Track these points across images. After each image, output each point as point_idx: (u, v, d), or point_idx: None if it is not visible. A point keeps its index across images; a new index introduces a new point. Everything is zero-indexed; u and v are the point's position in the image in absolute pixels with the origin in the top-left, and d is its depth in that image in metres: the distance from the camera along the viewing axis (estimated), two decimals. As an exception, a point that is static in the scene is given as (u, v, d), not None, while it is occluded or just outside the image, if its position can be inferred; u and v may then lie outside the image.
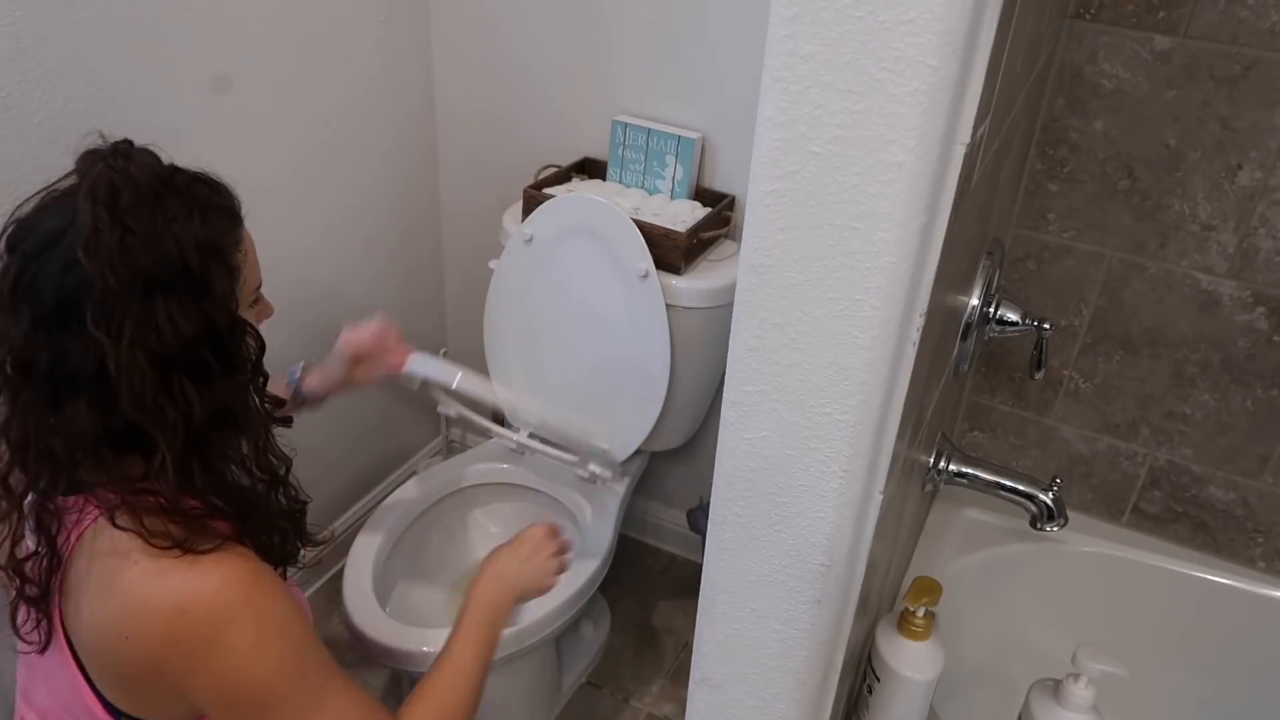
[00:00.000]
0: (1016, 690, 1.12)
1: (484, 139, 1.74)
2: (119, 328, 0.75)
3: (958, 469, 1.27)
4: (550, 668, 1.60)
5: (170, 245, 0.78)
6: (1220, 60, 1.22)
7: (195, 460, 0.81)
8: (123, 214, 0.77)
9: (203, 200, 0.83)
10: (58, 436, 0.79)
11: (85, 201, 0.77)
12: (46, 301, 0.76)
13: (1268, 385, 1.37)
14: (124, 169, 0.79)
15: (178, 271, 0.78)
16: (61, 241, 0.76)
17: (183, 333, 0.78)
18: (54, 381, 0.77)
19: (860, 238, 0.57)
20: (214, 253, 0.81)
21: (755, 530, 0.71)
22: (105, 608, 0.79)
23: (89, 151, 0.82)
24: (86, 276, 0.75)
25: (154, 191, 0.79)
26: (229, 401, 0.83)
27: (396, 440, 1.99)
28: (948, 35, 0.50)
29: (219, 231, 0.83)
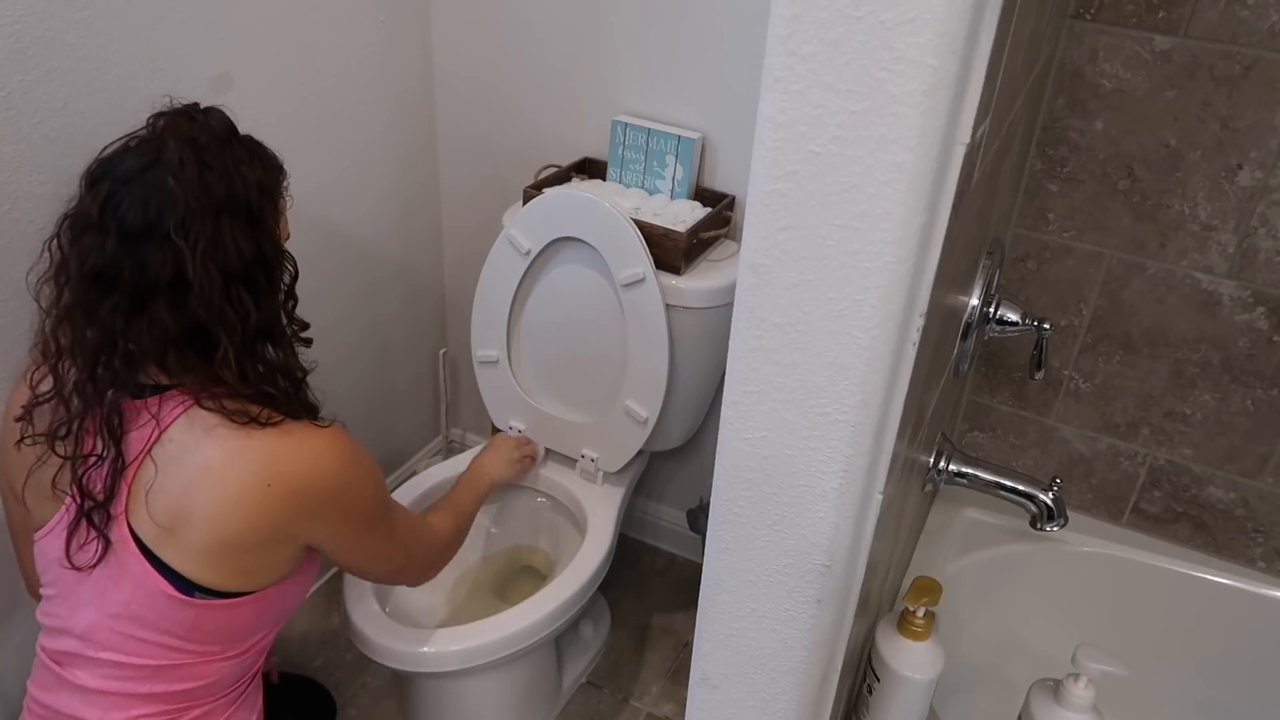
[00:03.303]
0: (1016, 690, 1.12)
1: (484, 139, 1.74)
2: (195, 240, 0.91)
3: (958, 469, 1.27)
4: (550, 668, 1.60)
5: (238, 181, 0.95)
6: (1220, 60, 1.22)
7: (249, 359, 0.97)
8: (202, 151, 0.94)
9: (260, 153, 1.02)
10: (145, 333, 0.93)
11: (172, 140, 0.94)
12: (134, 219, 0.91)
13: (1268, 385, 1.37)
14: (204, 119, 0.98)
15: (241, 203, 0.95)
16: (148, 172, 0.92)
17: (243, 252, 0.95)
18: (136, 288, 0.91)
19: (860, 238, 0.57)
20: (268, 193, 1.00)
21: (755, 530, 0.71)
22: (237, 468, 0.94)
23: (167, 110, 0.99)
24: (170, 199, 0.91)
25: (226, 138, 0.97)
26: (273, 314, 1.01)
27: (396, 440, 1.99)
28: (948, 35, 0.50)
29: (272, 178, 1.02)
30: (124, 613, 0.97)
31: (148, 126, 0.97)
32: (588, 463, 1.60)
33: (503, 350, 1.58)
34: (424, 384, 2.02)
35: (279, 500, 0.96)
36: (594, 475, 1.60)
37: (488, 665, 1.34)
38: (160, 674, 1.00)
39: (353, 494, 1.03)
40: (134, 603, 0.97)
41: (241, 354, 0.96)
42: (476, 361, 1.62)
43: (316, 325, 1.65)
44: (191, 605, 0.97)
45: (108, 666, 0.99)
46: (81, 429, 0.96)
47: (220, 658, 1.03)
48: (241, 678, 1.09)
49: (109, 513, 0.96)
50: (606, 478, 1.61)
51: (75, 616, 1.00)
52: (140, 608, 0.97)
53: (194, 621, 0.98)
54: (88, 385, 0.94)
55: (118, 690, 0.99)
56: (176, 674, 1.00)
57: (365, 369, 1.82)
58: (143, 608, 0.97)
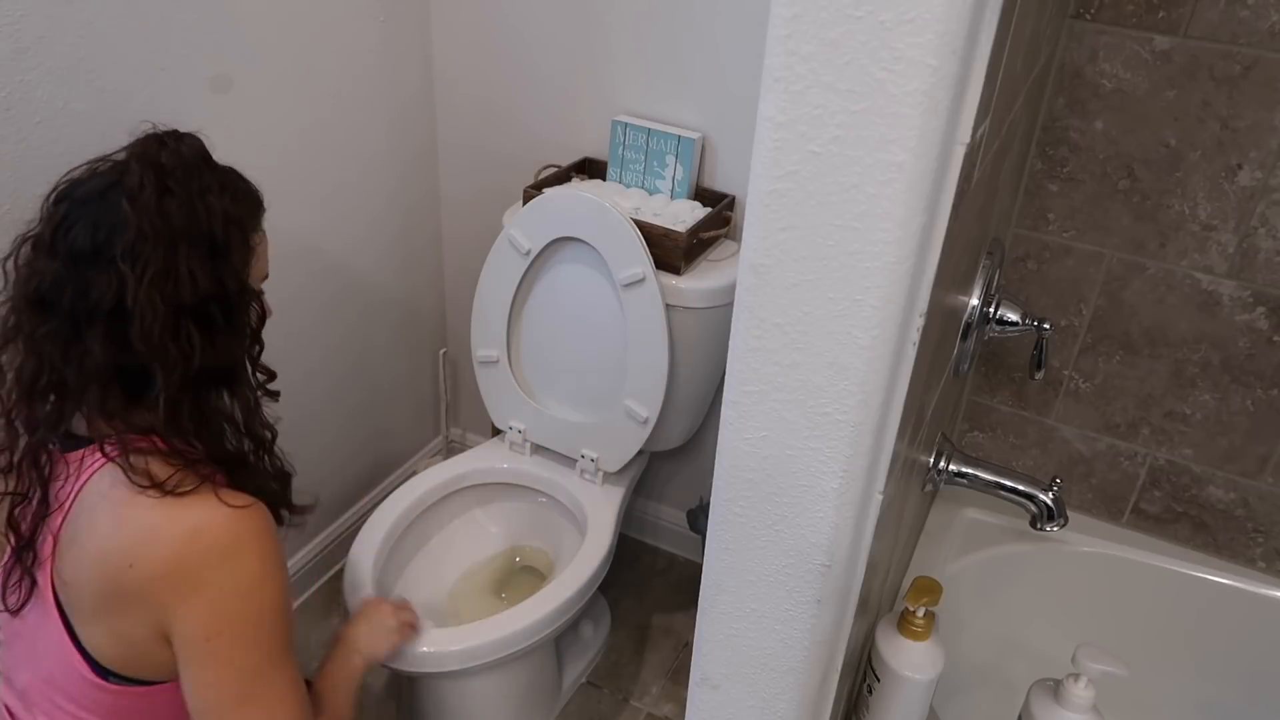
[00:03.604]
0: (1016, 690, 1.12)
1: (484, 139, 1.74)
2: (143, 268, 0.85)
3: (958, 469, 1.27)
4: (550, 668, 1.60)
5: (201, 210, 0.89)
6: (1220, 60, 1.22)
7: (187, 401, 0.89)
8: (166, 176, 0.88)
9: (234, 184, 0.95)
10: (73, 366, 0.87)
11: (135, 163, 0.89)
12: (82, 242, 0.86)
13: (1268, 385, 1.37)
14: (174, 145, 0.91)
15: (203, 233, 0.89)
16: (108, 194, 0.88)
17: (198, 285, 0.87)
18: (75, 314, 0.86)
19: (860, 238, 0.57)
20: (236, 227, 0.93)
21: (755, 530, 0.71)
22: (115, 539, 0.86)
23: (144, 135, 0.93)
24: (124, 221, 0.86)
25: (195, 166, 0.91)
26: (228, 358, 0.93)
27: (396, 440, 1.99)
28: (948, 35, 0.50)
29: (244, 211, 0.95)
30: (53, 681, 0.93)
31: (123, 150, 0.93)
32: (588, 463, 1.60)
33: (503, 350, 1.58)
34: (424, 384, 2.02)
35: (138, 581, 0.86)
36: (594, 475, 1.60)
37: (488, 665, 1.34)
38: None
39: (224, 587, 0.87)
40: (57, 674, 0.92)
41: (178, 395, 0.88)
42: (476, 361, 1.62)
43: (316, 325, 1.66)
44: (106, 689, 0.92)
45: None
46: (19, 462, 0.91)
47: None
48: None
49: (36, 555, 0.91)
50: (606, 478, 1.61)
51: (17, 671, 0.96)
52: (64, 681, 0.92)
53: (112, 705, 0.93)
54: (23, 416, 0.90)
55: None
56: None
57: (365, 369, 1.82)
58: (66, 682, 0.92)
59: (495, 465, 1.64)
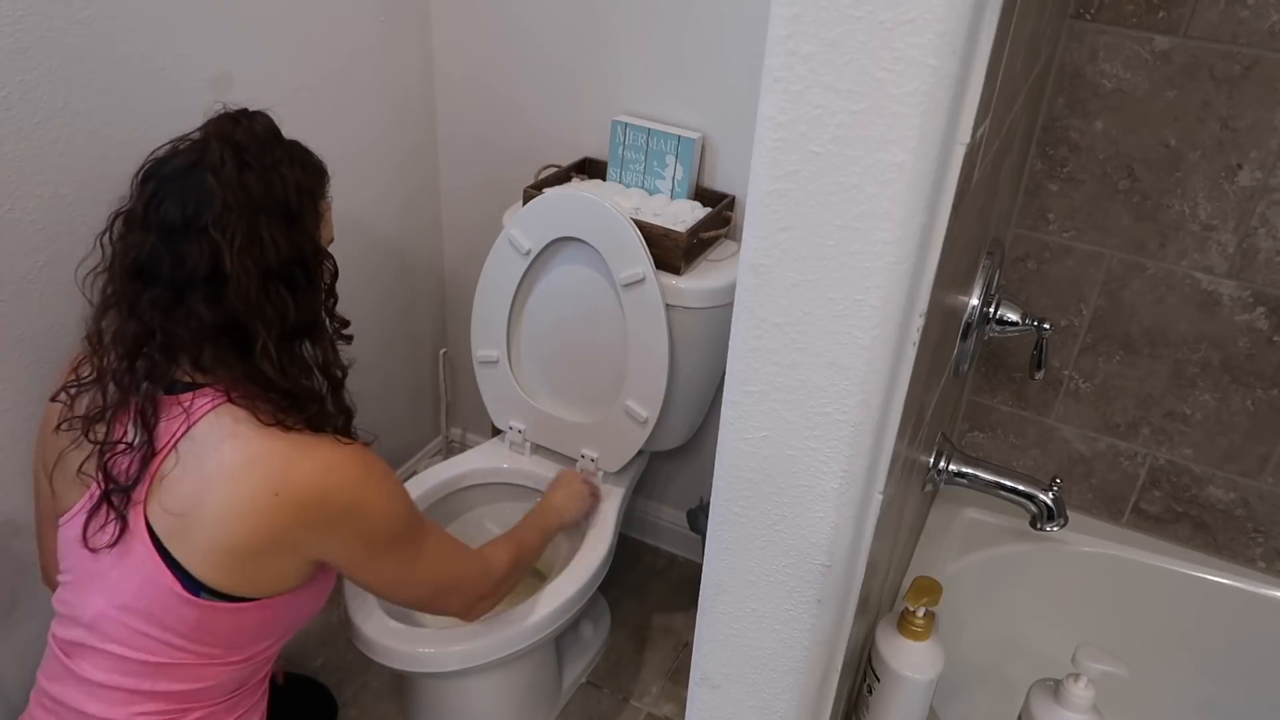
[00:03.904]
0: (1016, 690, 1.12)
1: (484, 139, 1.74)
2: (232, 235, 0.94)
3: (958, 469, 1.27)
4: (550, 668, 1.60)
5: (276, 181, 0.98)
6: (1220, 60, 1.22)
7: (286, 355, 0.99)
8: (243, 152, 0.97)
9: (303, 156, 1.04)
10: (182, 326, 0.95)
11: (215, 141, 0.97)
12: (174, 215, 0.94)
13: (1268, 385, 1.37)
14: (247, 123, 1.00)
15: (279, 203, 0.98)
16: (192, 172, 0.96)
17: (280, 249, 0.97)
18: (174, 282, 0.94)
19: (860, 238, 0.57)
20: (308, 194, 1.02)
21: (755, 530, 0.71)
22: (255, 471, 0.96)
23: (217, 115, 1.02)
24: (209, 196, 0.94)
25: (268, 141, 1.00)
26: (312, 311, 1.03)
27: (396, 440, 1.99)
28: (948, 35, 0.50)
29: (313, 180, 1.04)
30: (131, 605, 0.98)
31: (199, 130, 1.01)
32: (588, 463, 1.60)
33: (503, 350, 1.58)
34: (424, 384, 2.02)
35: (285, 511, 0.96)
36: (594, 475, 1.60)
37: (488, 665, 1.34)
38: (162, 672, 1.00)
39: (364, 514, 1.02)
40: (142, 596, 0.97)
41: (280, 349, 0.98)
42: (476, 361, 1.62)
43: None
44: (196, 605, 0.97)
45: (112, 659, 0.99)
46: (114, 417, 0.98)
47: (222, 662, 1.03)
48: (245, 684, 1.08)
49: (129, 497, 0.97)
50: (606, 478, 1.61)
51: (85, 604, 1.00)
52: (147, 602, 0.97)
53: (198, 621, 0.98)
54: (125, 375, 0.97)
55: (120, 685, 1.00)
56: (178, 673, 1.01)
57: (365, 368, 1.80)
58: (149, 602, 0.97)
59: (495, 465, 1.64)
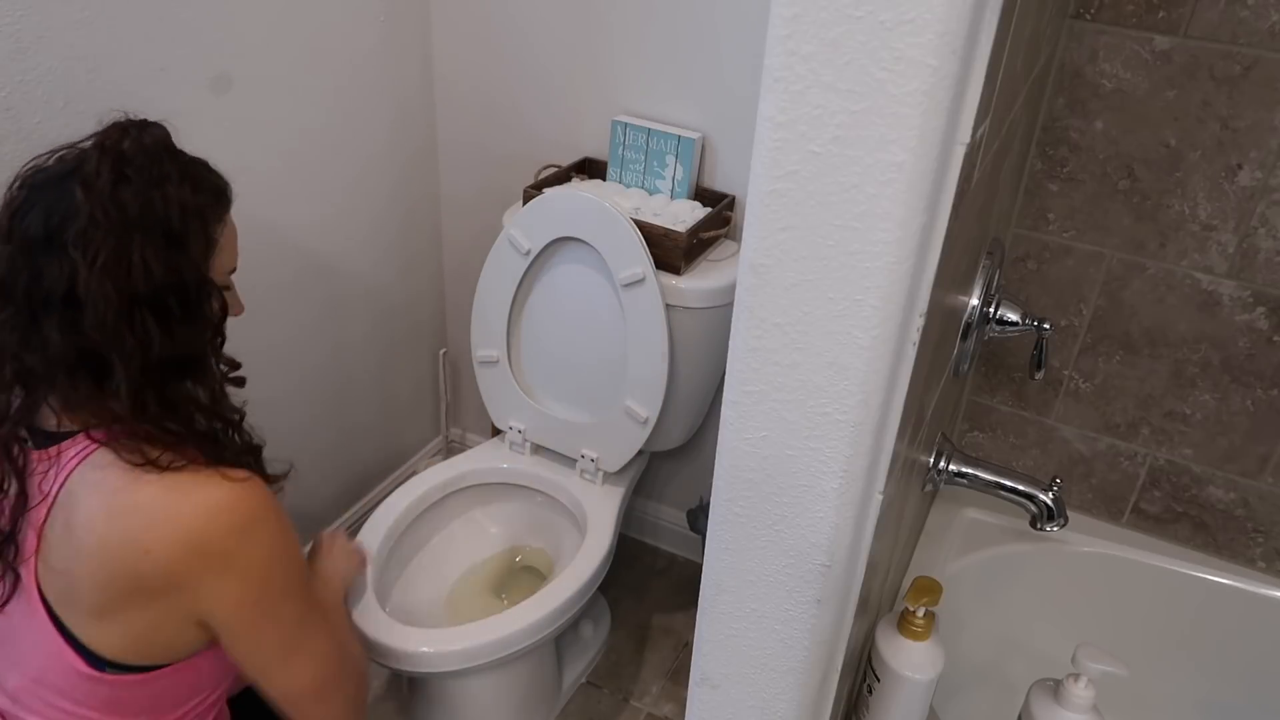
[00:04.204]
0: (1016, 690, 1.12)
1: (484, 140, 1.74)
2: (94, 254, 0.84)
3: (958, 469, 1.27)
4: (550, 668, 1.60)
5: (158, 199, 0.88)
6: (1220, 60, 1.22)
7: (151, 390, 0.88)
8: (124, 164, 0.87)
9: (196, 175, 0.94)
10: (36, 354, 0.86)
11: (94, 149, 0.88)
12: (36, 227, 0.85)
13: (1268, 385, 1.37)
14: (137, 134, 0.91)
15: (158, 223, 0.88)
16: (65, 181, 0.87)
17: (152, 274, 0.86)
18: (30, 301, 0.85)
19: (860, 238, 0.57)
20: (196, 216, 0.91)
21: (755, 530, 0.71)
22: (122, 526, 0.86)
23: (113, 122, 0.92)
24: (76, 208, 0.85)
25: (156, 155, 0.90)
26: (187, 348, 0.91)
27: (396, 440, 1.99)
28: (948, 35, 0.50)
29: (205, 203, 0.93)
30: (43, 680, 0.92)
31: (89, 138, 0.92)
32: (588, 463, 1.60)
33: (503, 350, 1.58)
34: (424, 384, 2.02)
35: (159, 568, 0.86)
36: (594, 475, 1.60)
37: (488, 665, 1.34)
38: None
39: (251, 559, 0.91)
40: (50, 671, 0.91)
41: (140, 384, 0.87)
42: (476, 361, 1.62)
43: (316, 324, 1.66)
44: (103, 681, 0.91)
45: None
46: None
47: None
48: None
49: (17, 548, 0.89)
50: (606, 478, 1.61)
51: (5, 674, 0.95)
52: (55, 678, 0.91)
53: (110, 696, 0.92)
54: None
55: None
56: None
57: (365, 369, 1.82)
58: (57, 678, 0.91)
59: (495, 465, 1.64)
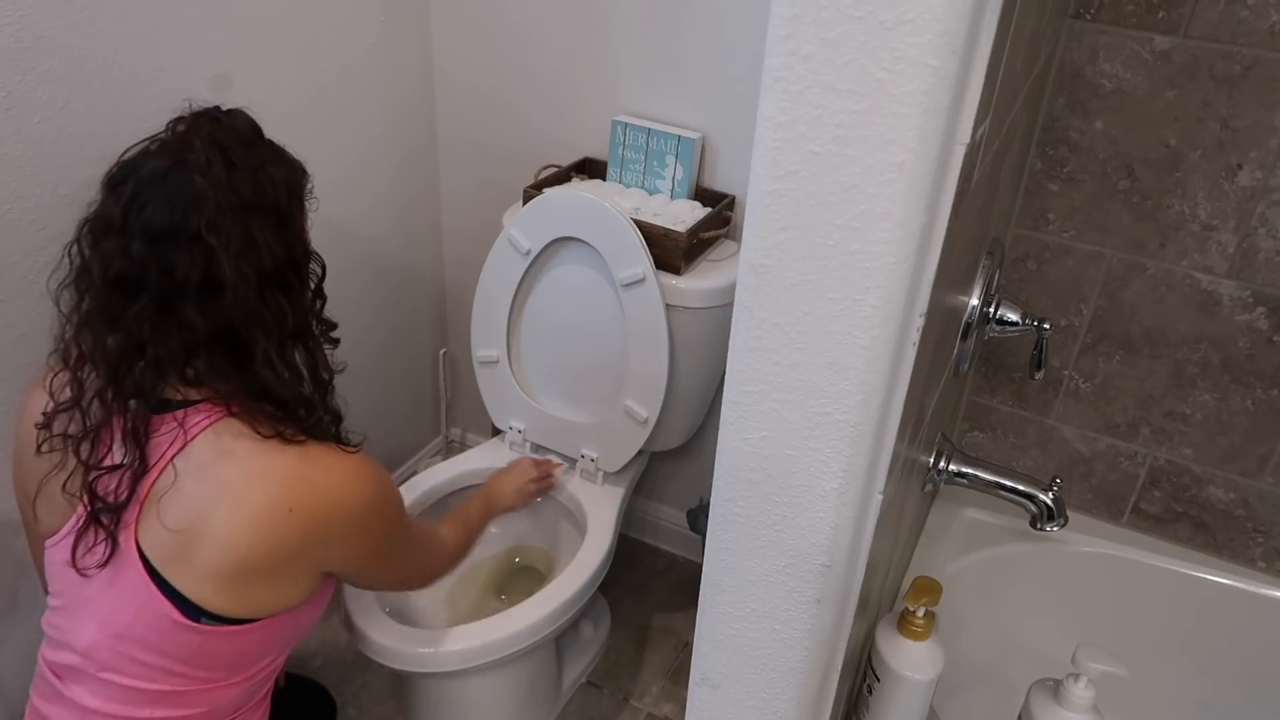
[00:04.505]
0: (1016, 690, 1.12)
1: (484, 140, 1.74)
2: (227, 239, 0.89)
3: (958, 469, 1.27)
4: (550, 668, 1.60)
5: (265, 181, 0.94)
6: (1220, 60, 1.22)
7: (282, 362, 0.96)
8: (228, 150, 0.93)
9: (284, 154, 1.01)
10: (174, 338, 0.91)
11: (197, 141, 0.92)
12: (160, 220, 0.89)
13: (1268, 385, 1.37)
14: (228, 120, 0.97)
15: (270, 204, 0.94)
16: (173, 173, 0.90)
17: (274, 252, 0.93)
18: (163, 291, 0.89)
19: (860, 238, 0.57)
20: (295, 194, 0.99)
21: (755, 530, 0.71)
22: (259, 489, 0.92)
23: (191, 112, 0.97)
24: (198, 198, 0.89)
25: (250, 139, 0.97)
26: (304, 316, 1.00)
27: (396, 440, 1.99)
28: (948, 35, 0.50)
29: (297, 179, 1.01)
30: (127, 633, 0.94)
31: (168, 129, 0.96)
32: (588, 463, 1.59)
33: (503, 350, 1.58)
34: (424, 384, 2.02)
35: (299, 526, 0.93)
36: (594, 475, 1.60)
37: (488, 665, 1.34)
38: (162, 699, 0.97)
39: (375, 522, 1.02)
40: (137, 624, 0.94)
41: (279, 355, 0.95)
42: (476, 361, 1.62)
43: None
44: (197, 631, 0.94)
45: (109, 687, 0.96)
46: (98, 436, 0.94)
47: (225, 684, 1.00)
48: (248, 701, 1.06)
49: (119, 518, 0.93)
50: (606, 478, 1.61)
51: (78, 632, 0.97)
52: (143, 630, 0.94)
53: (199, 647, 0.95)
54: (109, 392, 0.92)
55: (117, 713, 0.96)
56: (179, 700, 0.97)
57: (365, 369, 1.82)
58: (146, 630, 0.94)
59: (495, 465, 1.64)
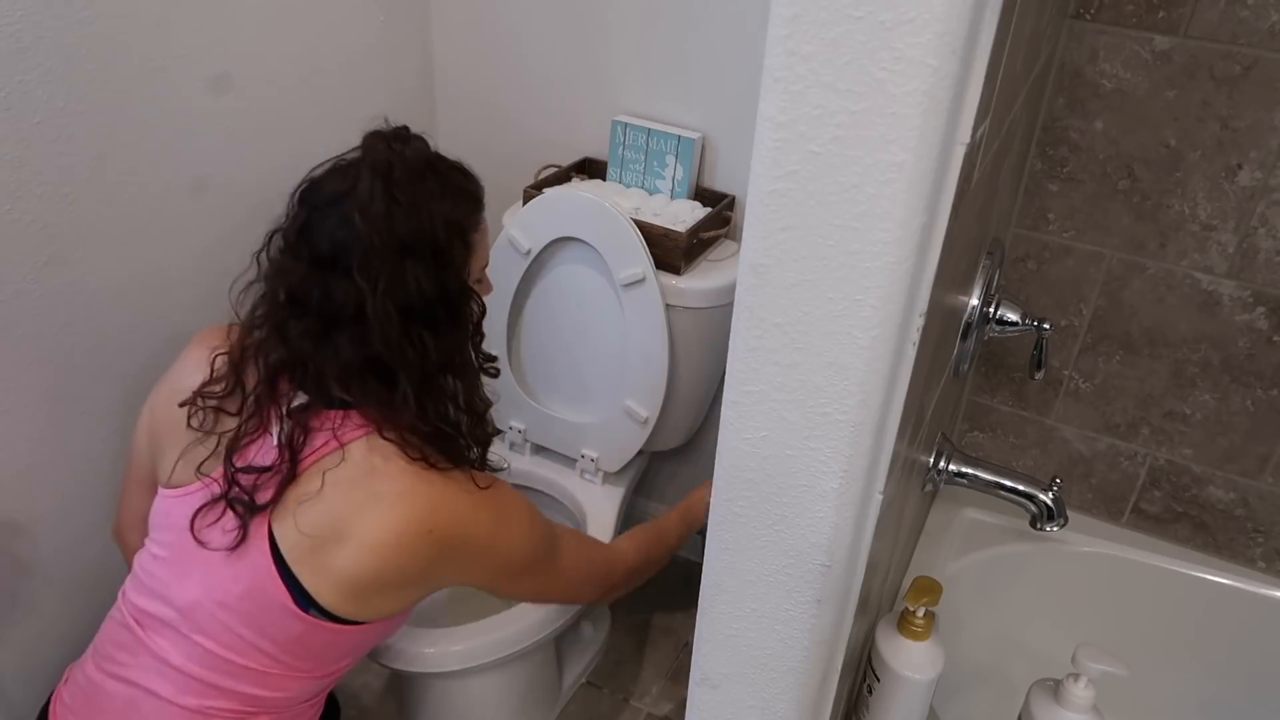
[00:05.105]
0: (1016, 690, 1.12)
1: (484, 139, 1.74)
2: (376, 279, 0.92)
3: (958, 469, 1.27)
4: (550, 668, 1.60)
5: (425, 219, 0.95)
6: (1220, 60, 1.22)
7: (427, 394, 0.98)
8: (393, 186, 0.94)
9: (456, 185, 1.00)
10: (331, 360, 0.95)
11: (366, 172, 0.94)
12: (323, 248, 0.94)
13: (1268, 385, 1.37)
14: (400, 150, 0.97)
15: (427, 241, 0.95)
16: (342, 202, 0.94)
17: (424, 291, 0.95)
18: (322, 316, 0.94)
19: (860, 238, 0.57)
20: (457, 230, 0.99)
21: (755, 530, 0.71)
22: (404, 507, 0.95)
23: (373, 132, 0.99)
24: (357, 233, 0.92)
25: (420, 172, 0.97)
26: (454, 352, 1.01)
27: (396, 440, 1.99)
28: (948, 35, 0.50)
29: (464, 213, 1.00)
30: (234, 605, 0.97)
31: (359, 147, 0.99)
32: (588, 463, 1.60)
33: (503, 350, 1.58)
34: (424, 384, 2.02)
35: (435, 547, 0.97)
36: (594, 475, 1.60)
37: (488, 665, 1.34)
38: (245, 674, 0.99)
39: (502, 548, 1.04)
40: (247, 599, 0.96)
41: (420, 390, 0.97)
42: (476, 361, 1.62)
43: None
44: (303, 620, 0.97)
45: (198, 650, 0.98)
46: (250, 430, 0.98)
47: (307, 675, 1.03)
48: (313, 697, 1.08)
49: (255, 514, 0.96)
50: (606, 478, 1.61)
51: (179, 587, 0.99)
52: (251, 606, 0.96)
53: (299, 635, 0.98)
54: (267, 395, 0.98)
55: (198, 676, 0.98)
56: (260, 680, 1.00)
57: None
58: (254, 607, 0.96)
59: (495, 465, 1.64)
